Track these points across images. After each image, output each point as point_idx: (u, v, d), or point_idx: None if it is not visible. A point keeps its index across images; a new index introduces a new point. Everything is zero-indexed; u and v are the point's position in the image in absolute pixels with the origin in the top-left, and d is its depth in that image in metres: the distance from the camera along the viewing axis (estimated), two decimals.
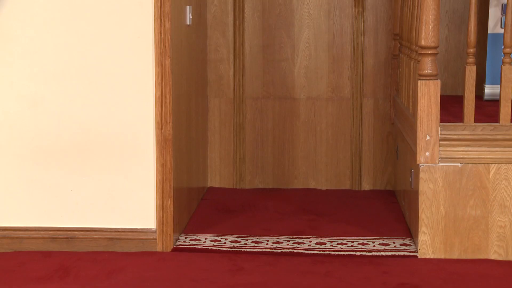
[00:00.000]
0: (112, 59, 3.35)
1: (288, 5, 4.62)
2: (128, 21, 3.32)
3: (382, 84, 4.63)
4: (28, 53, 3.35)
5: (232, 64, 4.67)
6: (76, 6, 3.31)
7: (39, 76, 3.36)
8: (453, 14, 4.58)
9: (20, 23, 3.34)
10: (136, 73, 3.36)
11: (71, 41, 3.34)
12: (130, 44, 3.34)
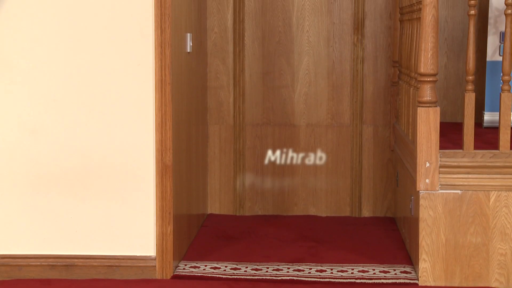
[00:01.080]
0: (113, 86, 3.36)
1: (288, 33, 4.65)
2: (129, 49, 3.34)
3: (381, 111, 4.64)
4: (29, 80, 3.36)
5: (232, 91, 4.68)
6: (77, 33, 3.33)
7: (39, 103, 3.37)
8: (452, 42, 4.60)
9: (21, 51, 3.35)
10: (137, 100, 3.37)
11: (71, 69, 3.35)
12: (130, 72, 3.36)
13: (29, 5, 3.31)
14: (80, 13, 3.31)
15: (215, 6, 4.64)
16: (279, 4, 4.63)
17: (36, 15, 3.32)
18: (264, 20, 4.65)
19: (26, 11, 3.32)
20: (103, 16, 3.31)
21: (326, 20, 4.63)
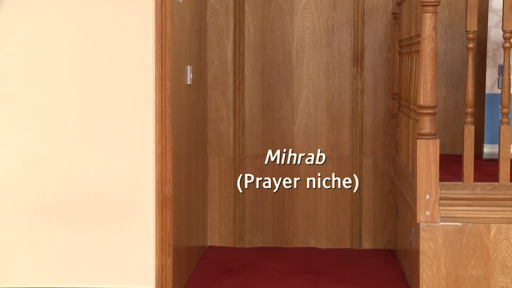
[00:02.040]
0: (113, 118, 3.37)
1: (288, 65, 4.68)
2: (129, 81, 3.36)
3: (381, 143, 4.65)
4: (29, 112, 3.37)
5: (232, 123, 4.69)
6: (77, 66, 3.35)
7: (40, 135, 3.37)
8: (450, 75, 4.62)
9: (22, 83, 3.37)
10: (137, 132, 3.38)
11: (72, 101, 3.37)
12: (131, 104, 3.37)
13: (30, 36, 3.33)
14: (81, 46, 3.33)
15: (215, 39, 4.67)
16: (279, 36, 4.67)
17: (37, 46, 3.34)
18: (264, 53, 4.68)
19: (27, 43, 3.34)
20: (104, 49, 3.33)
21: (325, 52, 4.65)
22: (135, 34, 3.31)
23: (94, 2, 3.27)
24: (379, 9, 4.61)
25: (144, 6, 3.27)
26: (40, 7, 3.29)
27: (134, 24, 3.29)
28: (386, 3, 4.60)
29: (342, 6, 4.63)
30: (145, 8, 3.27)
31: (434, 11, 3.24)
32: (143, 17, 3.28)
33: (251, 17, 4.66)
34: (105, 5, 3.27)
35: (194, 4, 4.14)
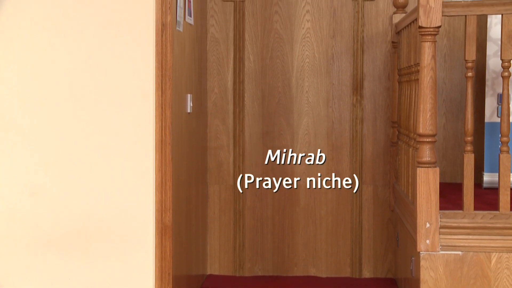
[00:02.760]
0: (113, 146, 3.37)
1: (288, 93, 4.69)
2: (129, 110, 3.36)
3: (381, 171, 4.65)
4: (29, 141, 3.37)
5: (232, 151, 4.70)
6: (77, 94, 3.35)
7: (39, 164, 3.37)
8: (450, 103, 4.64)
9: (22, 112, 3.37)
10: (137, 160, 3.38)
11: (72, 129, 3.37)
12: (131, 132, 3.37)
13: (30, 65, 3.34)
14: (81, 75, 3.34)
15: (215, 67, 4.69)
16: (279, 65, 4.69)
17: (37, 75, 3.35)
18: (264, 81, 4.70)
19: (27, 72, 3.35)
20: (104, 77, 3.34)
21: (325, 81, 4.67)
22: (135, 63, 3.33)
23: (95, 31, 3.29)
24: (378, 38, 4.64)
25: (144, 35, 3.29)
26: (41, 37, 3.31)
27: (134, 53, 3.30)
28: (385, 32, 4.63)
29: (342, 35, 4.66)
30: (146, 37, 3.29)
31: (433, 40, 3.26)
32: (144, 46, 3.29)
33: (251, 46, 4.69)
34: (105, 34, 3.29)
35: (194, 33, 4.17)
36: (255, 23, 4.69)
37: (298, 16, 4.67)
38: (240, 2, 4.66)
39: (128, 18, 3.27)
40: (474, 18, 3.33)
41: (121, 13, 3.26)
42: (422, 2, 3.21)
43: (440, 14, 3.21)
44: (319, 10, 4.66)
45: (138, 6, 3.26)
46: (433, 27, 3.22)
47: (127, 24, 3.27)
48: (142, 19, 3.27)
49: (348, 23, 4.66)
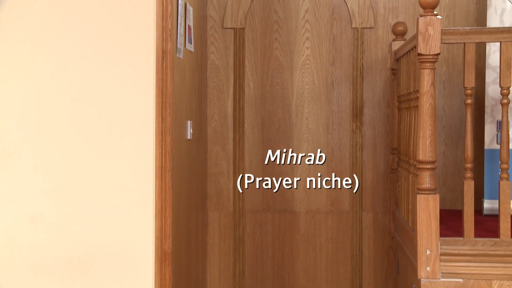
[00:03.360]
0: (113, 173, 3.37)
1: (288, 120, 4.70)
2: (129, 136, 3.36)
3: (381, 198, 4.64)
4: (29, 168, 3.37)
5: (232, 178, 4.70)
6: (77, 121, 3.36)
7: (39, 191, 3.37)
8: (449, 130, 4.65)
9: (21, 138, 3.38)
10: (137, 187, 3.37)
11: (72, 156, 3.37)
12: (130, 159, 3.37)
13: (30, 93, 3.35)
14: (81, 102, 3.35)
15: (215, 94, 4.71)
16: (279, 92, 4.71)
17: (37, 102, 3.36)
18: (264, 108, 4.71)
19: (27, 98, 3.36)
20: (104, 104, 3.35)
21: (325, 107, 4.69)
22: (136, 90, 3.34)
23: (95, 58, 3.30)
24: (377, 65, 4.66)
25: (144, 62, 3.30)
26: (41, 63, 3.32)
27: (134, 79, 3.32)
28: (385, 59, 4.65)
29: (341, 62, 4.68)
30: (146, 64, 3.31)
31: (432, 68, 3.27)
32: (144, 72, 3.31)
33: (251, 73, 4.71)
34: (105, 60, 3.30)
35: (194, 60, 4.19)
36: (255, 50, 4.71)
37: (298, 43, 4.70)
38: (240, 29, 4.69)
39: (128, 45, 3.29)
40: (473, 46, 3.35)
41: (122, 40, 3.28)
42: (421, 29, 3.23)
43: (439, 41, 3.23)
44: (319, 37, 4.69)
45: (138, 33, 3.28)
46: (432, 55, 3.24)
47: (128, 51, 3.29)
48: (142, 46, 3.29)
49: (348, 50, 4.68)
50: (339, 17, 4.67)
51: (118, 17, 3.27)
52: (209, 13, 4.71)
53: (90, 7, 3.27)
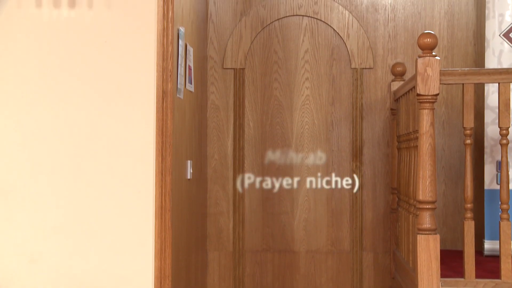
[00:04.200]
0: (112, 213, 3.36)
1: (288, 158, 4.71)
2: (129, 176, 3.36)
3: (381, 238, 4.63)
4: (28, 207, 3.36)
5: (231, 217, 4.68)
6: (77, 160, 3.36)
7: (38, 231, 3.35)
8: (449, 170, 4.65)
9: (21, 178, 3.38)
10: (136, 227, 3.36)
11: (71, 196, 3.36)
12: (130, 199, 3.36)
13: (30, 131, 3.36)
14: (81, 142, 3.35)
15: (215, 134, 4.72)
16: (278, 131, 4.72)
17: (37, 142, 3.36)
18: (264, 147, 4.72)
19: (27, 138, 3.36)
20: (104, 144, 3.35)
21: (325, 147, 4.70)
22: (136, 129, 3.35)
23: (95, 98, 3.32)
24: (377, 105, 4.69)
25: (145, 102, 3.32)
26: (42, 104, 3.34)
27: (135, 119, 3.33)
28: (384, 99, 4.67)
29: (341, 102, 4.70)
30: (146, 104, 3.32)
31: (431, 108, 3.28)
32: (144, 112, 3.32)
33: (251, 113, 4.73)
34: (106, 101, 3.32)
35: (194, 99, 4.21)
36: (255, 90, 4.74)
37: (298, 83, 4.73)
38: (240, 69, 4.72)
39: (128, 85, 3.31)
40: (471, 87, 3.37)
41: (122, 80, 3.30)
42: (420, 70, 3.25)
43: (438, 82, 3.25)
44: (318, 77, 4.72)
45: (139, 73, 3.30)
46: (431, 95, 3.25)
47: (128, 91, 3.31)
48: (142, 86, 3.31)
49: (347, 90, 4.71)
50: (339, 57, 4.71)
51: (119, 57, 3.30)
52: (209, 53, 4.75)
53: (91, 48, 3.30)
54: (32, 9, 3.31)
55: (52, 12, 3.32)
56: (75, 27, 3.30)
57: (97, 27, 3.30)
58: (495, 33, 4.22)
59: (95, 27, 3.30)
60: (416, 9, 4.68)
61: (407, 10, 4.69)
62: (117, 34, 3.30)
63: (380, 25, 4.70)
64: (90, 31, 3.30)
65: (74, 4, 3.32)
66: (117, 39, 3.30)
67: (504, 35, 4.21)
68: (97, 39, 3.30)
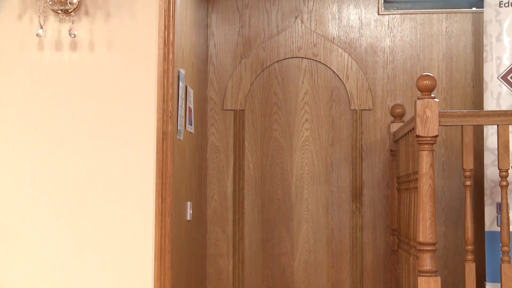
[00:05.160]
0: (112, 255, 3.34)
1: (287, 200, 4.70)
2: (129, 218, 3.35)
3: (382, 279, 4.60)
4: (26, 250, 3.35)
5: (231, 259, 4.66)
6: (76, 202, 3.34)
7: (37, 274, 3.33)
8: (449, 211, 4.64)
9: (21, 218, 3.36)
10: (136, 268, 3.34)
11: (70, 238, 3.34)
12: (130, 241, 3.35)
13: (29, 172, 3.36)
14: (81, 182, 3.35)
15: (215, 175, 4.72)
16: (278, 172, 4.72)
17: (36, 185, 3.36)
18: (264, 188, 4.72)
19: (26, 180, 3.36)
20: (104, 185, 3.35)
21: (324, 188, 4.69)
22: (136, 171, 3.35)
23: (95, 140, 3.32)
24: (376, 146, 4.70)
25: (145, 143, 3.33)
26: (41, 145, 3.34)
27: (134, 160, 3.33)
28: (384, 141, 4.69)
29: (341, 143, 4.71)
30: (146, 145, 3.33)
31: (430, 149, 3.29)
32: (144, 154, 3.33)
33: (251, 154, 4.74)
34: (106, 142, 3.33)
35: (194, 141, 4.22)
36: (255, 131, 4.75)
37: (297, 124, 4.74)
38: (240, 111, 4.75)
39: (129, 127, 3.32)
40: (470, 128, 3.39)
41: (122, 121, 3.31)
42: (419, 112, 3.27)
43: (437, 124, 3.26)
44: (318, 118, 4.74)
45: (139, 115, 3.32)
46: (431, 136, 3.26)
47: (128, 132, 3.32)
48: (143, 128, 3.32)
49: (347, 132, 4.72)
50: (338, 99, 4.74)
51: (119, 99, 3.32)
52: (209, 95, 4.78)
53: (91, 90, 3.32)
54: (34, 52, 3.34)
55: (54, 54, 3.35)
56: (76, 69, 3.33)
57: (98, 69, 3.33)
58: (493, 75, 4.25)
59: (96, 69, 3.33)
60: (415, 52, 4.72)
61: (405, 53, 4.73)
62: (118, 76, 3.33)
63: (379, 67, 4.74)
64: (91, 73, 3.33)
65: (75, 47, 3.35)
66: (117, 81, 3.32)
67: (502, 78, 4.24)
68: (98, 81, 3.32)
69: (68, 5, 3.24)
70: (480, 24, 4.60)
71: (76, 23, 3.33)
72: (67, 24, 3.33)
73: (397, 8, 4.78)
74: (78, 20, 3.33)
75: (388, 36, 4.73)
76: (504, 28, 4.26)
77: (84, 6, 3.34)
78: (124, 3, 3.34)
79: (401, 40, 4.73)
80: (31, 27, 3.34)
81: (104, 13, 3.34)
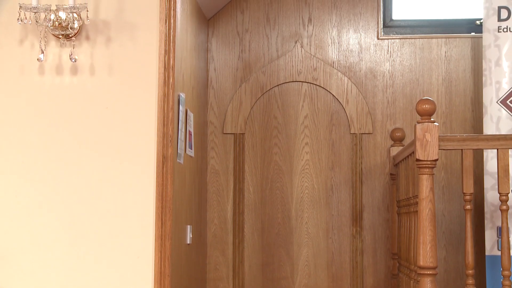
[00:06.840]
0: (111, 280, 3.33)
1: (287, 224, 4.69)
2: (129, 241, 3.34)
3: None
4: (28, 276, 3.34)
5: (231, 283, 4.64)
6: (76, 226, 3.34)
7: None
8: (450, 235, 4.63)
9: (21, 244, 3.36)
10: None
11: (70, 262, 3.33)
12: (129, 264, 3.34)
13: (29, 200, 3.36)
14: (81, 205, 3.34)
15: (215, 199, 4.72)
16: (278, 196, 4.72)
17: (36, 210, 3.35)
18: (264, 212, 4.71)
19: (26, 206, 3.36)
20: (104, 208, 3.34)
21: (324, 212, 4.69)
22: (136, 194, 3.35)
23: (96, 163, 3.33)
24: (376, 170, 4.70)
25: (145, 167, 3.33)
26: (42, 170, 3.34)
27: (134, 184, 3.33)
28: (384, 164, 4.69)
29: (341, 167, 4.71)
30: (146, 169, 3.33)
31: (430, 173, 3.29)
32: (144, 177, 3.33)
33: (251, 177, 4.74)
34: (106, 166, 3.33)
35: (194, 164, 4.23)
36: (255, 155, 4.76)
37: (297, 148, 4.75)
38: (240, 134, 4.76)
39: (129, 151, 3.32)
40: (470, 152, 3.39)
41: (122, 145, 3.32)
42: (419, 136, 3.28)
43: (436, 148, 3.27)
44: (318, 142, 4.75)
45: (139, 139, 3.33)
46: (430, 160, 3.27)
47: (129, 156, 3.32)
48: (143, 151, 3.33)
49: (347, 155, 4.73)
50: (338, 123, 4.75)
51: (120, 123, 3.33)
52: (209, 119, 4.79)
53: (92, 114, 3.33)
54: (35, 76, 3.36)
55: (54, 79, 3.37)
56: (77, 93, 3.34)
57: (98, 93, 3.34)
58: (492, 99, 4.27)
59: (97, 93, 3.34)
60: (414, 76, 4.74)
61: (405, 77, 4.75)
62: (119, 100, 3.34)
63: (379, 91, 4.76)
64: (91, 97, 3.34)
65: (76, 71, 3.37)
66: (118, 105, 3.33)
67: (501, 102, 4.25)
68: (98, 105, 3.33)
69: (69, 30, 3.26)
70: (479, 49, 4.63)
71: (77, 47, 3.35)
72: (68, 49, 3.34)
73: (396, 33, 4.81)
74: (79, 45, 3.35)
75: (387, 60, 4.76)
76: (503, 53, 4.29)
77: (85, 30, 3.36)
78: (124, 28, 3.36)
79: (401, 64, 4.75)
80: (32, 52, 3.36)
81: (104, 38, 3.36)
